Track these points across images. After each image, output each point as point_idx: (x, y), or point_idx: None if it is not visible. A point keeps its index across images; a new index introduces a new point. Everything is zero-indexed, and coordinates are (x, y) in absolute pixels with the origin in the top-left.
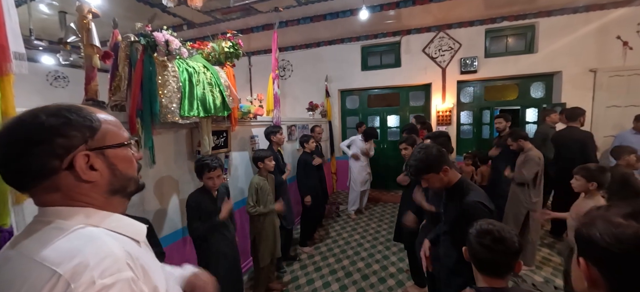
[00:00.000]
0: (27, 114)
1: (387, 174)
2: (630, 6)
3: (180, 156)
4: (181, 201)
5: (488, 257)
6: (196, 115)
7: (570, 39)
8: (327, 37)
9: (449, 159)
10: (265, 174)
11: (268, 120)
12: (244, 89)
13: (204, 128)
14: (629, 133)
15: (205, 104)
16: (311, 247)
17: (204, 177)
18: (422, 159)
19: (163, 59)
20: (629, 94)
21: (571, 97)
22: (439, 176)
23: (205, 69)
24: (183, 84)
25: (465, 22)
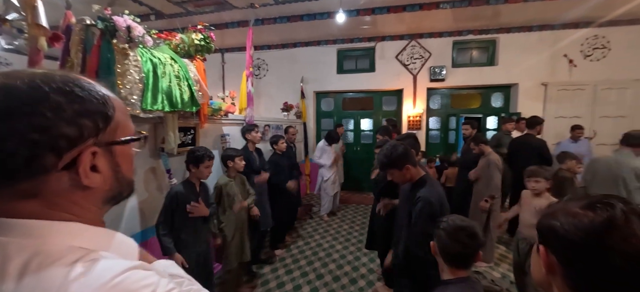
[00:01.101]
0: (21, 77)
1: (360, 176)
2: (576, 29)
3: (141, 153)
4: (141, 202)
5: (461, 251)
6: (161, 109)
7: (526, 55)
8: (304, 38)
9: (413, 159)
10: (233, 174)
11: (240, 118)
12: (217, 86)
13: (170, 124)
14: (568, 141)
15: (171, 98)
16: (282, 250)
17: (202, 166)
18: (387, 155)
19: (124, 46)
20: (573, 107)
21: (526, 107)
22: (401, 172)
23: (173, 61)
24: (146, 75)
25: (435, 33)
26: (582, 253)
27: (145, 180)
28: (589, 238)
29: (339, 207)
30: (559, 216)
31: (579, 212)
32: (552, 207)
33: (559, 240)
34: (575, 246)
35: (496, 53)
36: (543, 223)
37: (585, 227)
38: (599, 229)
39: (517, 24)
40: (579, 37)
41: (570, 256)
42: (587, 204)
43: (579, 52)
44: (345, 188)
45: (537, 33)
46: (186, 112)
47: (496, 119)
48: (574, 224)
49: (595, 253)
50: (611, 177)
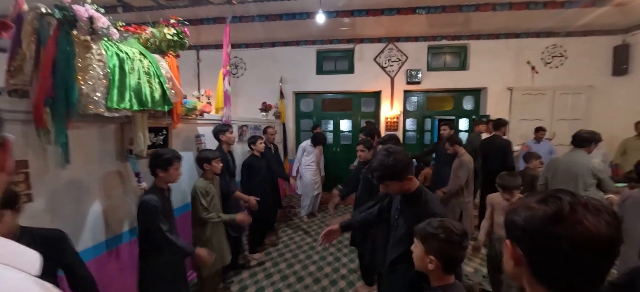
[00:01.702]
0: None
1: (340, 177)
2: (538, 38)
3: (107, 156)
4: (105, 209)
5: (461, 255)
6: (128, 108)
7: (494, 61)
8: (283, 38)
9: (413, 168)
10: (210, 176)
11: (217, 118)
12: (191, 85)
13: (139, 123)
14: (532, 142)
15: (140, 96)
16: (261, 254)
17: (171, 169)
18: (389, 166)
19: (85, 38)
20: (535, 110)
21: (494, 110)
22: (401, 184)
23: (142, 57)
24: (111, 71)
25: (411, 37)
26: (538, 243)
27: (109, 184)
28: (542, 228)
29: (319, 208)
30: (519, 211)
31: (534, 206)
32: (514, 204)
33: (519, 232)
34: (532, 236)
35: (467, 58)
36: (507, 218)
37: (538, 218)
38: (550, 220)
39: (486, 31)
40: (540, 45)
41: (530, 247)
42: (540, 199)
43: (540, 59)
44: (325, 189)
45: (503, 41)
46: (157, 111)
47: (467, 121)
48: (530, 217)
49: (548, 242)
50: (570, 175)
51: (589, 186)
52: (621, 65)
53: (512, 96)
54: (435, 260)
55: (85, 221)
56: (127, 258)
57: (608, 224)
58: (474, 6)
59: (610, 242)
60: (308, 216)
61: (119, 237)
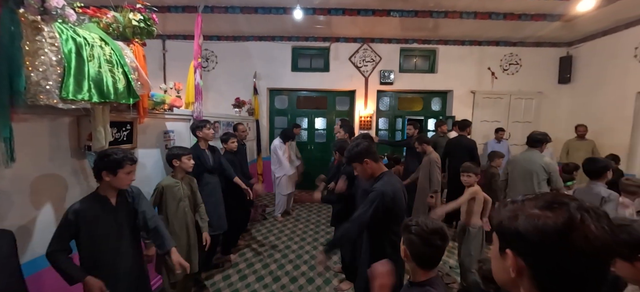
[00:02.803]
0: None
1: (314, 175)
2: (497, 46)
3: (60, 152)
4: (58, 212)
5: (435, 253)
6: (87, 99)
7: (459, 65)
8: (258, 32)
9: (374, 154)
10: (180, 175)
11: (187, 113)
12: (156, 77)
13: (99, 117)
14: (493, 142)
15: (101, 86)
16: (235, 255)
17: (121, 173)
18: (350, 150)
19: (35, 18)
20: (494, 112)
21: (459, 112)
22: (362, 166)
23: (104, 43)
24: (67, 57)
25: (385, 39)
26: (548, 253)
27: (64, 185)
28: (553, 239)
29: (294, 206)
30: (519, 219)
31: (539, 214)
32: (510, 209)
33: (525, 243)
34: (541, 247)
35: (436, 62)
36: (505, 225)
37: (549, 229)
38: (562, 230)
39: (453, 37)
40: (500, 53)
41: (537, 257)
42: (544, 205)
43: (499, 66)
44: (300, 187)
45: (468, 47)
46: (121, 104)
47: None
48: (536, 226)
49: (559, 253)
50: (526, 172)
51: (542, 180)
52: (565, 74)
53: (474, 99)
54: (405, 250)
55: (34, 227)
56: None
57: (608, 226)
58: (443, 13)
59: (613, 243)
60: (282, 215)
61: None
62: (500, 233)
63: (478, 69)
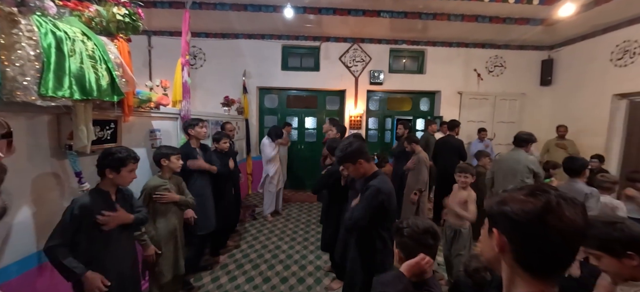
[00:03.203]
0: None
1: (304, 174)
2: (483, 48)
3: (39, 152)
4: (36, 215)
5: (429, 253)
6: (68, 96)
7: (447, 67)
8: (248, 30)
9: (366, 155)
10: (168, 175)
11: (175, 112)
12: (141, 74)
13: (81, 115)
14: (477, 142)
15: (83, 82)
16: (225, 256)
17: (124, 171)
18: (343, 149)
19: (11, 10)
20: (479, 113)
21: (446, 112)
22: (356, 167)
23: (86, 38)
24: (46, 51)
25: (375, 39)
26: (528, 232)
27: (42, 186)
28: (533, 219)
29: (283, 206)
30: (508, 203)
31: (523, 198)
32: (501, 196)
33: (509, 223)
34: (522, 226)
35: (425, 63)
36: (495, 209)
37: (530, 210)
38: (541, 212)
39: (441, 39)
40: (485, 55)
41: (519, 236)
42: (528, 193)
43: (485, 68)
44: (290, 187)
45: (455, 49)
46: (104, 101)
47: (423, 121)
48: (521, 209)
49: (537, 231)
50: (511, 171)
51: (526, 179)
52: (547, 76)
53: (461, 100)
54: (399, 253)
55: (11, 231)
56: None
57: (582, 214)
58: (432, 15)
59: (584, 230)
60: (272, 215)
61: None
62: (490, 216)
63: (465, 70)
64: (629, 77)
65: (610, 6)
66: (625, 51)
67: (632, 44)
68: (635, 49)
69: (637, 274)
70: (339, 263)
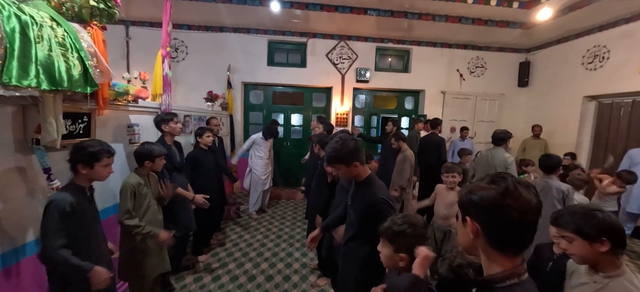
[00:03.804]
0: None
1: (290, 172)
2: (465, 49)
3: (2, 146)
4: (2, 215)
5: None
6: (34, 86)
7: (431, 66)
8: (232, 23)
9: (362, 157)
10: (146, 172)
11: (154, 106)
12: (119, 66)
13: (49, 107)
14: (459, 140)
15: (52, 71)
16: (207, 255)
17: (99, 166)
18: (336, 149)
19: None
20: (461, 112)
21: (430, 111)
22: (349, 169)
23: (55, 24)
24: (9, 37)
25: (361, 37)
26: (493, 213)
27: (6, 183)
28: (495, 202)
29: (269, 203)
30: (474, 191)
31: (486, 186)
32: (468, 187)
33: (477, 208)
34: (487, 209)
35: (410, 62)
36: (464, 199)
37: (492, 195)
38: (500, 195)
39: (426, 39)
40: (467, 56)
41: (486, 218)
42: (490, 181)
43: (467, 68)
44: (275, 184)
45: (439, 49)
46: (76, 93)
47: (408, 120)
48: (485, 195)
49: (500, 212)
50: (490, 168)
51: None
52: (524, 78)
53: (444, 99)
54: (406, 256)
55: None
56: (31, 275)
57: (535, 195)
58: (417, 14)
59: (538, 208)
60: (257, 212)
61: (21, 250)
62: (462, 206)
63: (448, 70)
64: (598, 80)
65: (583, 12)
66: (595, 56)
67: (601, 49)
68: (604, 53)
69: (600, 261)
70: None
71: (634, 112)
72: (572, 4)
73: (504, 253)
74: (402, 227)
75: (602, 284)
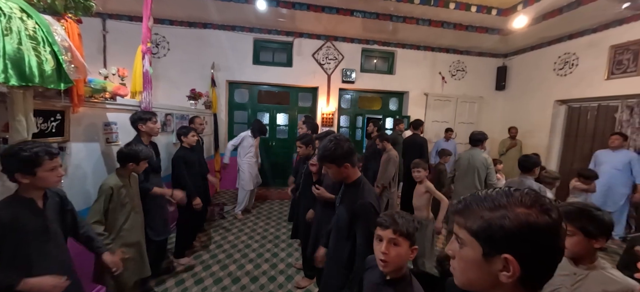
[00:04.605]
0: None
1: (276, 172)
2: (447, 53)
3: None
4: None
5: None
6: (2, 81)
7: (415, 69)
8: (217, 20)
9: (353, 159)
10: (127, 174)
11: (134, 103)
12: (95, 61)
13: (19, 104)
14: (442, 141)
15: (21, 66)
16: (190, 258)
17: (41, 171)
18: (328, 149)
19: None
20: (443, 114)
21: (413, 112)
22: (340, 170)
23: (26, 15)
24: None
25: (348, 38)
26: (541, 246)
27: None
28: (551, 231)
29: (254, 204)
30: (510, 219)
31: (528, 211)
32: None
33: (517, 240)
34: (535, 242)
35: (394, 64)
36: (492, 229)
37: (546, 222)
38: (556, 222)
39: (410, 42)
40: (449, 60)
41: (531, 252)
42: (530, 202)
43: (448, 71)
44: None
45: (423, 52)
46: (48, 89)
47: (392, 120)
48: (534, 222)
49: (552, 242)
50: (470, 168)
51: (482, 175)
52: (501, 82)
53: (427, 101)
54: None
55: None
56: None
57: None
58: (402, 17)
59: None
60: (242, 213)
61: None
62: (486, 238)
63: (430, 73)
64: (568, 86)
65: (555, 21)
66: (565, 62)
67: (571, 56)
68: (573, 60)
69: (585, 255)
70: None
71: (600, 116)
72: (545, 13)
73: (533, 290)
74: (413, 224)
75: (583, 275)
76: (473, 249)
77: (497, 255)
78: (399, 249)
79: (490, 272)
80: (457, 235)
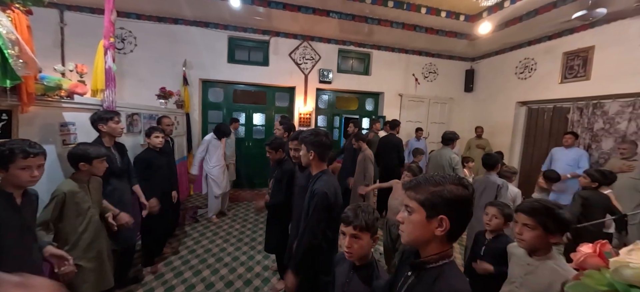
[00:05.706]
0: None
1: (252, 173)
2: (420, 56)
3: None
4: None
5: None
6: None
7: (389, 70)
8: (189, 16)
9: (322, 152)
10: (85, 177)
11: (95, 102)
12: (52, 56)
13: None
14: (414, 140)
15: None
16: (160, 264)
17: (14, 168)
18: (307, 132)
19: None
20: (416, 114)
21: (389, 112)
22: (306, 154)
23: None
24: None
25: (324, 39)
26: (462, 211)
27: None
28: (467, 201)
29: (230, 206)
30: (447, 192)
31: (455, 187)
32: (437, 189)
33: (451, 207)
34: (459, 208)
35: (370, 65)
36: (436, 199)
37: (465, 194)
38: (471, 195)
39: (385, 44)
40: (422, 62)
41: (457, 215)
42: (454, 181)
43: (421, 73)
44: (237, 185)
45: (397, 54)
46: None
47: (368, 120)
48: (459, 194)
49: (468, 209)
50: (438, 165)
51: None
52: (469, 84)
53: (401, 101)
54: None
55: None
56: None
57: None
58: (377, 20)
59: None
60: (217, 216)
61: None
62: (430, 205)
63: (404, 74)
64: (528, 88)
65: (516, 28)
66: (525, 66)
67: (530, 61)
68: (532, 65)
69: (542, 247)
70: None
71: (555, 116)
72: (507, 20)
73: (450, 242)
74: (373, 215)
75: (534, 266)
76: (419, 213)
77: (435, 216)
78: (360, 241)
79: (430, 229)
80: (408, 205)
